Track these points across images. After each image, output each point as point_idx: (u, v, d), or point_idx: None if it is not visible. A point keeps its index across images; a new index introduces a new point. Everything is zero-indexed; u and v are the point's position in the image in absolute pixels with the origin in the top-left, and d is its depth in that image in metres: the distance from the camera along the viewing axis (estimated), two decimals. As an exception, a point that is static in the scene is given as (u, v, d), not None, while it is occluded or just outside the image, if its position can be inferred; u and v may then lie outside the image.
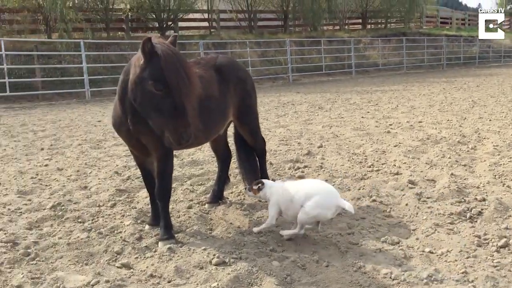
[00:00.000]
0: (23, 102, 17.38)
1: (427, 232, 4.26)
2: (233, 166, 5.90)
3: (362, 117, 11.45)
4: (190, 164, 7.12)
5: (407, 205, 4.99)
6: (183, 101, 3.67)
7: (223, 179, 5.38)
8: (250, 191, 4.45)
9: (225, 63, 4.95)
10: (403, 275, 3.49)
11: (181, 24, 27.83)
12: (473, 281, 3.38)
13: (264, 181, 4.39)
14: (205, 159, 7.33)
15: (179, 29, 26.75)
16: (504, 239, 4.01)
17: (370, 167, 6.61)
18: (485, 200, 5.00)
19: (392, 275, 3.49)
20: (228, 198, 5.45)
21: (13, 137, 9.98)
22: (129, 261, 3.85)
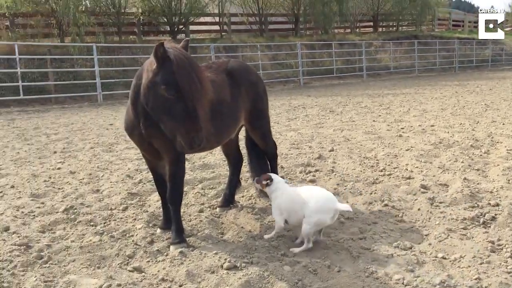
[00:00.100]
0: (36, 105, 17.56)
1: (440, 237, 4.22)
2: (244, 170, 5.91)
3: (373, 121, 11.40)
4: (201, 167, 7.14)
5: (419, 210, 4.96)
6: (195, 106, 3.68)
7: (234, 183, 5.39)
8: (258, 183, 4.47)
9: (236, 67, 4.96)
10: (416, 281, 3.47)
11: (192, 27, 27.94)
12: (486, 288, 3.35)
13: (273, 179, 4.39)
14: (216, 163, 7.35)
15: (190, 33, 26.87)
16: (518, 245, 3.97)
17: (381, 171, 6.58)
18: (498, 205, 4.95)
19: (404, 281, 3.47)
20: (239, 202, 5.45)
21: (27, 140, 10.08)
22: (140, 265, 3.87)
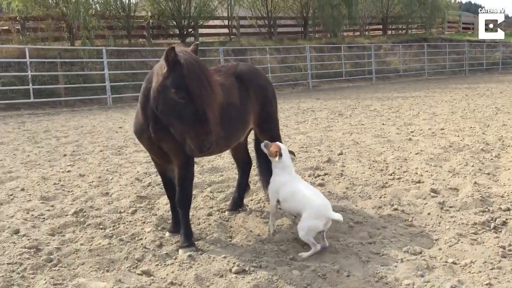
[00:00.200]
0: (47, 108, 17.70)
1: (450, 242, 4.19)
2: (253, 173, 5.90)
3: (382, 124, 11.35)
4: (210, 171, 7.14)
5: (429, 214, 4.92)
6: (205, 109, 3.70)
7: (243, 186, 5.38)
8: (266, 147, 4.44)
9: (245, 70, 4.97)
10: (426, 286, 3.44)
11: (201, 31, 28.04)
12: (498, 293, 3.32)
13: (283, 153, 4.35)
14: (225, 166, 7.35)
15: (199, 36, 26.94)
16: (530, 250, 3.93)
17: (391, 175, 6.54)
18: (509, 209, 4.90)
19: (414, 286, 3.44)
20: (248, 205, 5.45)
21: (37, 143, 10.15)
22: (149, 268, 3.88)
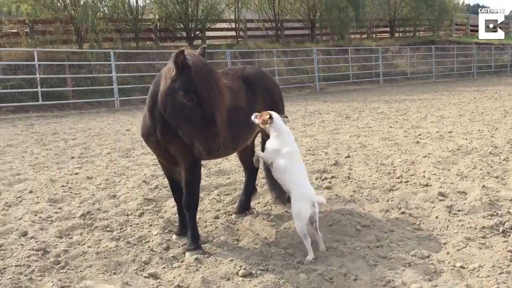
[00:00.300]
0: (55, 110, 17.82)
1: (458, 246, 4.16)
2: (260, 176, 5.90)
3: (390, 127, 11.31)
4: (217, 173, 7.15)
5: (437, 217, 4.89)
6: (213, 112, 3.72)
7: (250, 189, 5.38)
8: (257, 118, 4.44)
9: (252, 73, 4.97)
10: (434, 290, 3.42)
11: (208, 33, 28.13)
12: (506, 298, 3.29)
13: (274, 119, 4.37)
14: (232, 169, 7.35)
15: (206, 39, 27.03)
16: (539, 254, 3.89)
17: (398, 178, 6.51)
18: (518, 213, 4.87)
19: (422, 290, 3.42)
20: (255, 208, 5.44)
21: (45, 146, 10.21)
22: (156, 271, 3.88)
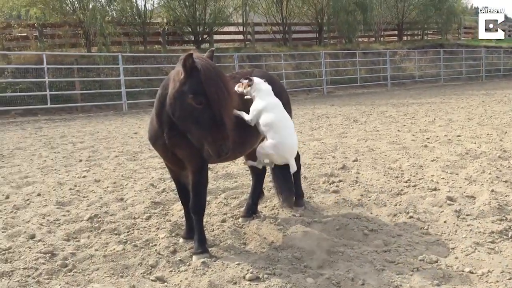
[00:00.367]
0: (63, 114, 17.92)
1: (466, 251, 4.12)
2: (267, 180, 5.89)
3: (398, 131, 11.26)
4: (224, 177, 7.14)
5: (445, 222, 4.86)
6: (222, 114, 3.72)
7: (257, 193, 5.37)
8: (240, 87, 4.58)
9: (260, 77, 4.96)
10: (442, 296, 3.39)
11: (216, 37, 28.19)
12: (516, 304, 3.26)
13: (255, 81, 4.56)
14: (239, 172, 7.35)
15: (214, 42, 27.08)
16: (549, 260, 3.85)
17: (406, 182, 6.48)
18: (528, 218, 4.82)
19: (430, 296, 3.39)
20: (262, 212, 5.43)
21: (53, 149, 10.27)
22: (163, 275, 3.88)
